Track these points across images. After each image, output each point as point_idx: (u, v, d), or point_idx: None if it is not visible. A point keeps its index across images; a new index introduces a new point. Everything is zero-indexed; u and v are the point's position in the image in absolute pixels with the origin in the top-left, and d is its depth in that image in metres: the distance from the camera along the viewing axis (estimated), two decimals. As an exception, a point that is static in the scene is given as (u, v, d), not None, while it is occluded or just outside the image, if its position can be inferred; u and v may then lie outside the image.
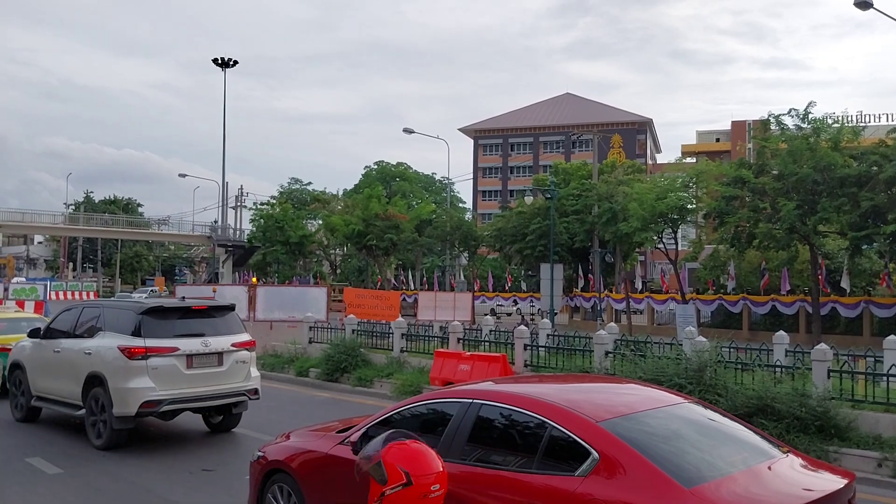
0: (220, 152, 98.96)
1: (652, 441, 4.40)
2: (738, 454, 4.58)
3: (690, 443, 4.57)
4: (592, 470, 4.25)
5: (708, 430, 4.87)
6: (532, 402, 4.87)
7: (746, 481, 4.21)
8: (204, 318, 10.73)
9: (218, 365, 10.44)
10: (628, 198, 39.43)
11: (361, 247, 55.42)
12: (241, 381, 10.73)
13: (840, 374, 10.76)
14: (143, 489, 8.17)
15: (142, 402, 9.73)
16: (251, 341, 11.10)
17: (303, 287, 39.90)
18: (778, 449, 4.84)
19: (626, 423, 4.54)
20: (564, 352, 14.92)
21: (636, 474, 4.12)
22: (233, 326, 10.98)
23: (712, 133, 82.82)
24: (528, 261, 47.88)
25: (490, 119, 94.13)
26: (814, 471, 4.69)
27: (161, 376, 9.85)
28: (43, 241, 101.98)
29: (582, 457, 4.35)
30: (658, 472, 4.07)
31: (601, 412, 4.63)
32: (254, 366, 11.14)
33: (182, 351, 10.08)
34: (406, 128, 54.47)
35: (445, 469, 3.72)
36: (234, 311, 11.48)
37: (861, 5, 25.97)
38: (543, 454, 4.54)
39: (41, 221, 70.30)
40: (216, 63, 57.21)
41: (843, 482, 4.47)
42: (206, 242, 75.83)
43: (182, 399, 10.09)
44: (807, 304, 33.97)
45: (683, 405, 5.13)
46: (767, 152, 33.80)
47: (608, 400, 5.09)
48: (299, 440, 6.16)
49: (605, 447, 4.30)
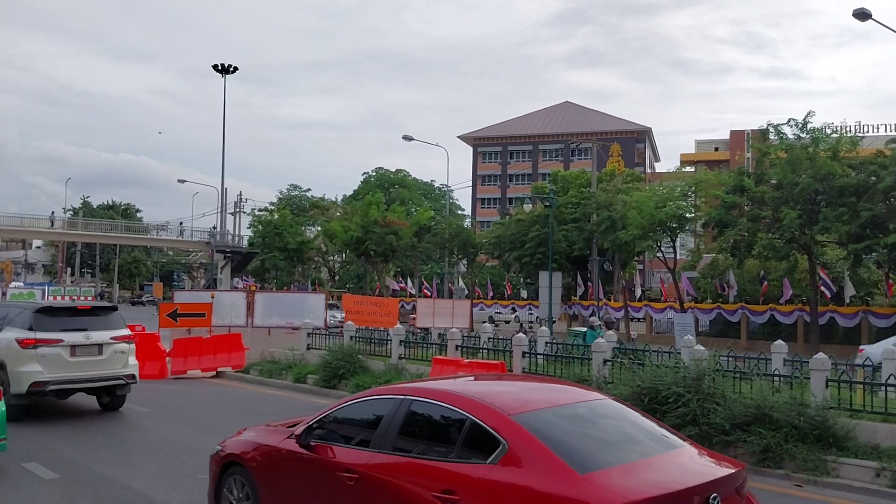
0: (219, 158, 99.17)
1: (556, 432, 4.81)
2: (638, 445, 4.99)
3: (594, 434, 5.03)
4: (501, 458, 4.66)
5: (615, 423, 5.26)
6: (455, 398, 5.29)
7: (639, 468, 4.61)
8: (88, 316, 13.00)
9: (98, 354, 12.64)
10: (627, 206, 39.45)
11: (360, 253, 55.32)
12: (120, 367, 12.90)
13: (838, 383, 10.74)
14: (140, 495, 8.14)
15: (31, 382, 11.92)
16: (129, 335, 13.38)
17: (301, 293, 39.83)
18: (681, 441, 5.27)
19: (537, 416, 4.96)
20: (562, 360, 14.90)
21: (538, 462, 4.53)
22: (114, 323, 13.19)
23: (711, 142, 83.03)
24: (526, 268, 47.84)
25: (489, 127, 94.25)
26: (707, 460, 5.08)
27: (48, 362, 12.08)
28: (41, 247, 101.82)
29: (494, 446, 4.75)
30: (557, 460, 4.49)
31: (516, 407, 5.04)
32: (132, 356, 13.27)
33: (66, 342, 12.30)
34: (405, 135, 54.38)
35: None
36: (117, 311, 13.82)
37: (860, 16, 26.09)
38: (462, 444, 4.96)
39: (39, 226, 70.26)
40: (216, 69, 57.21)
41: (732, 470, 4.87)
42: (204, 248, 75.73)
43: (66, 381, 12.32)
44: (805, 314, 33.98)
45: (598, 401, 5.57)
46: (766, 161, 33.87)
47: (527, 396, 5.54)
48: (253, 435, 6.62)
49: (513, 437, 4.71)
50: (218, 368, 19.63)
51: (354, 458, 5.45)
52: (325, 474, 5.60)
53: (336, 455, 5.61)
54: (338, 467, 5.50)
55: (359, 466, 5.36)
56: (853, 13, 26.12)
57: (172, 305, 21.65)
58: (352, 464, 5.42)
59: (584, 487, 4.27)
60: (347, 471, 5.40)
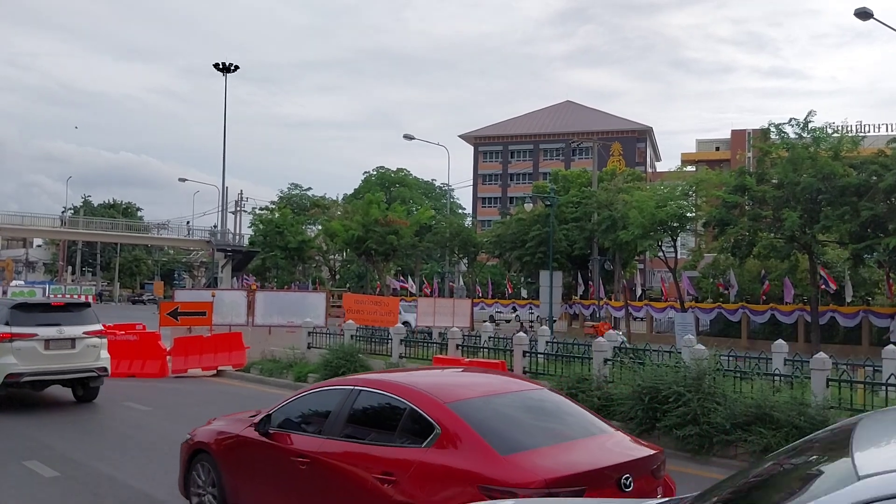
0: (220, 157, 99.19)
1: (486, 418, 5.22)
2: (562, 431, 5.41)
3: (521, 420, 5.43)
4: (435, 442, 5.08)
5: (546, 411, 5.68)
6: (398, 388, 5.68)
7: (558, 451, 5.03)
8: (62, 312, 13.59)
9: (71, 348, 13.26)
10: (628, 206, 39.43)
11: (361, 252, 55.36)
12: (92, 361, 13.49)
13: (839, 383, 10.74)
14: (141, 494, 8.15)
15: (6, 374, 12.53)
16: (101, 330, 13.95)
17: (301, 292, 39.85)
18: (608, 429, 5.64)
19: (470, 404, 5.37)
20: (563, 359, 14.90)
21: (466, 444, 4.97)
22: (86, 319, 13.73)
23: (712, 142, 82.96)
24: (527, 268, 47.83)
25: (490, 126, 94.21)
26: (628, 444, 5.46)
27: (23, 355, 12.70)
28: (42, 245, 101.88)
29: (429, 431, 5.16)
30: (482, 443, 4.92)
31: (451, 395, 5.45)
32: (104, 350, 13.84)
33: (40, 336, 12.90)
34: (406, 134, 54.43)
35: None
36: (90, 307, 14.42)
37: (861, 15, 26.07)
38: (402, 430, 5.39)
39: (40, 225, 70.29)
40: (217, 68, 57.24)
41: (648, 452, 5.27)
42: (205, 247, 75.72)
43: (41, 373, 12.95)
44: (806, 314, 33.97)
45: (534, 391, 6.00)
46: (767, 161, 33.84)
47: (464, 386, 5.97)
48: (220, 424, 7.06)
49: (446, 423, 5.12)
50: (219, 367, 19.63)
51: (307, 445, 5.86)
52: (281, 459, 6.01)
53: (292, 442, 6.02)
54: (292, 453, 5.90)
55: (310, 452, 5.77)
56: (855, 13, 26.11)
57: (173, 304, 21.67)
58: (304, 450, 5.83)
59: (503, 467, 4.71)
60: (301, 456, 5.81)
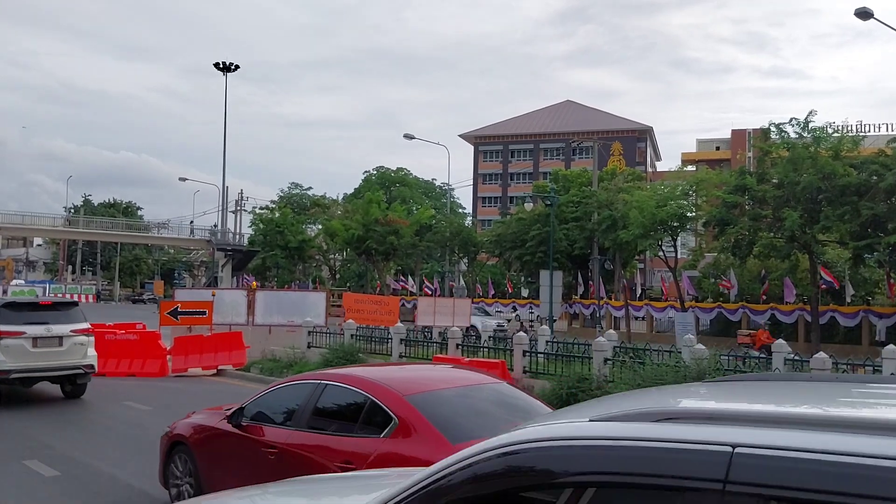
0: (220, 157, 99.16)
1: (441, 410, 5.50)
2: (516, 421, 5.37)
3: (475, 411, 5.72)
4: (392, 433, 5.37)
5: (500, 403, 5.91)
6: (360, 381, 5.96)
7: None
8: (50, 311, 13.95)
9: (59, 346, 13.56)
10: (628, 205, 39.39)
11: (361, 252, 55.35)
12: (79, 358, 13.78)
13: (839, 382, 10.70)
14: (141, 493, 8.15)
15: None
16: (88, 329, 14.25)
17: (302, 292, 39.85)
18: None
19: (427, 396, 5.64)
20: (563, 358, 14.90)
21: (420, 434, 5.25)
22: (74, 317, 14.04)
23: (712, 141, 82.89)
24: (527, 267, 47.81)
25: (490, 126, 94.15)
26: None
27: (12, 353, 13.02)
28: (42, 244, 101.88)
29: (387, 422, 5.45)
30: (435, 432, 5.20)
31: (410, 388, 5.72)
32: (91, 347, 14.11)
33: (28, 334, 13.23)
34: (406, 133, 54.39)
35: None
36: (78, 306, 14.75)
37: (862, 15, 26.06)
38: (362, 421, 5.69)
39: (41, 224, 70.29)
40: (217, 67, 57.20)
41: None
42: (205, 246, 75.70)
43: (29, 370, 13.27)
44: (806, 313, 33.95)
45: (491, 385, 6.26)
46: (768, 161, 33.82)
47: (424, 380, 6.16)
48: (198, 417, 7.37)
49: (403, 414, 5.40)
50: (219, 366, 19.63)
51: (275, 436, 6.16)
52: (252, 450, 6.30)
53: (262, 433, 6.31)
54: (262, 444, 6.20)
55: (278, 443, 6.06)
56: (855, 12, 26.09)
57: (173, 303, 21.68)
58: (273, 441, 6.12)
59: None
60: (270, 447, 6.10)
